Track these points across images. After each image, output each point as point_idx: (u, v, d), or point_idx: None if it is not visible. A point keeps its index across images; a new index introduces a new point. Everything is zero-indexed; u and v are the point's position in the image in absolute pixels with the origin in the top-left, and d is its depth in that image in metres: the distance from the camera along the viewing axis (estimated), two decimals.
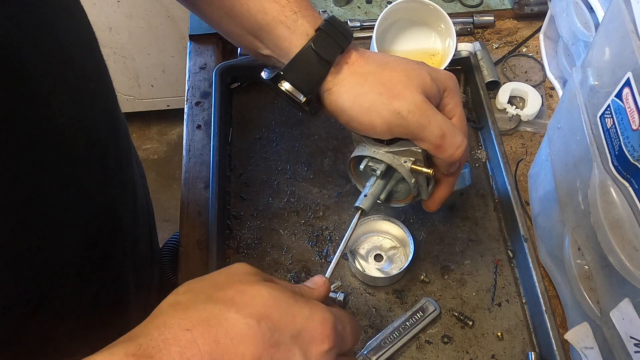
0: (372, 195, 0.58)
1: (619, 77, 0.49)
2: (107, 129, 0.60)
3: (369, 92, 0.55)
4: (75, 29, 0.53)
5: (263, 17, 0.56)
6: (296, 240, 0.77)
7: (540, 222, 0.74)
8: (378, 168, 0.57)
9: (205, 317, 0.38)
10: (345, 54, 0.57)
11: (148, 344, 0.36)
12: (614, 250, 0.49)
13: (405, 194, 0.63)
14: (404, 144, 0.57)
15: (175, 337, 0.36)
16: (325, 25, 0.56)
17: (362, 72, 0.56)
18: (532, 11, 0.96)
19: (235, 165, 0.84)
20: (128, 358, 0.35)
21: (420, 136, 0.54)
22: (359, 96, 0.55)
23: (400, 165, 0.57)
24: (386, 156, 0.57)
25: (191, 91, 0.91)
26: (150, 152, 2.17)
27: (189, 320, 0.38)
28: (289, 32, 0.56)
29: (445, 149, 0.55)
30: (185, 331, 0.37)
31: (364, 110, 0.55)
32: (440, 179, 0.61)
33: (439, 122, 0.54)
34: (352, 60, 0.57)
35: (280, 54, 0.58)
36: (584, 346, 0.62)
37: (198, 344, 0.36)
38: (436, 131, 0.54)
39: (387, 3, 0.98)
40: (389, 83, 0.55)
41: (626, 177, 0.50)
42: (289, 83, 0.56)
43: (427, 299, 0.71)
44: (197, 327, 0.37)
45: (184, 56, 0.96)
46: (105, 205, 0.59)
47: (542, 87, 0.90)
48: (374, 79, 0.55)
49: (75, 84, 0.52)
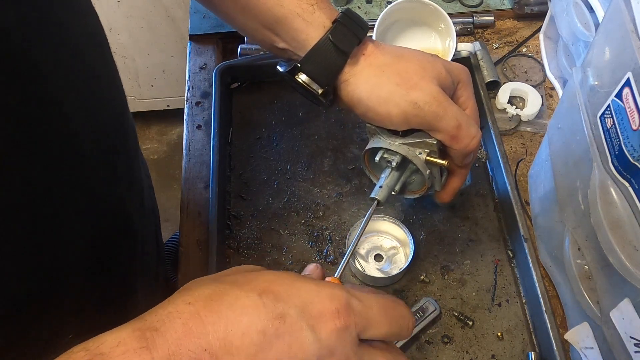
0: (388, 187, 0.59)
1: (619, 77, 0.49)
2: (117, 130, 0.60)
3: (386, 83, 0.55)
4: (86, 30, 0.54)
5: (279, 10, 0.56)
6: (296, 240, 0.77)
7: (540, 222, 0.74)
8: (393, 160, 0.58)
9: (209, 294, 0.38)
10: (362, 45, 0.57)
11: (152, 319, 0.37)
12: (614, 250, 0.49)
13: (419, 185, 0.63)
14: (418, 136, 0.57)
15: (178, 311, 0.37)
16: (342, 17, 0.57)
17: (379, 64, 0.57)
18: (532, 11, 0.96)
19: (235, 165, 0.84)
20: (134, 332, 0.36)
21: (437, 126, 0.55)
22: (376, 87, 0.55)
23: (416, 156, 0.58)
24: (402, 148, 0.58)
25: (191, 91, 0.91)
26: (150, 152, 2.17)
27: (192, 296, 0.38)
28: (305, 25, 0.56)
29: (461, 139, 0.55)
30: (188, 304, 0.37)
31: (381, 101, 0.55)
32: (453, 170, 0.62)
33: (455, 113, 0.55)
34: (369, 52, 0.57)
35: (296, 47, 0.58)
36: (584, 346, 0.62)
37: (201, 316, 0.36)
38: (452, 122, 0.55)
39: (387, 3, 0.98)
40: (405, 74, 0.55)
41: (626, 177, 0.50)
42: (306, 75, 0.56)
43: (427, 299, 0.71)
44: (199, 301, 0.37)
45: (184, 56, 0.96)
46: (115, 205, 0.60)
47: (542, 87, 0.90)
48: (390, 70, 0.56)
49: (86, 84, 0.52)
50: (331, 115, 0.88)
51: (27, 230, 0.45)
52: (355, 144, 0.85)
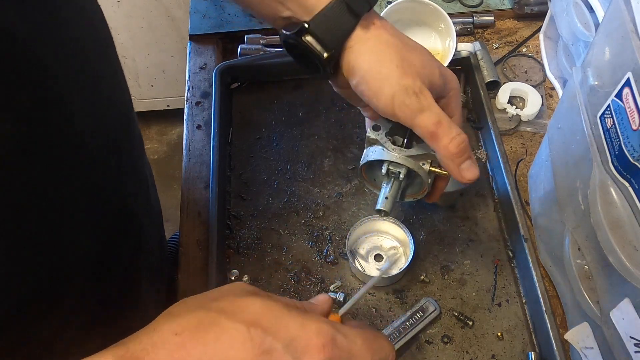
0: (392, 197, 0.60)
1: (619, 77, 0.49)
2: (122, 130, 0.60)
3: (389, 61, 0.54)
4: (91, 30, 0.54)
5: None
6: (296, 240, 0.77)
7: (540, 222, 0.74)
8: (400, 172, 0.59)
9: (195, 323, 0.38)
10: (373, 13, 0.56)
11: (136, 348, 0.36)
12: (614, 250, 0.49)
13: (413, 190, 0.64)
14: (420, 148, 0.59)
15: (163, 341, 0.36)
16: None
17: (386, 40, 0.56)
18: (532, 11, 0.96)
19: (235, 165, 0.84)
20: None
21: (417, 119, 0.54)
22: (378, 62, 0.55)
23: (420, 168, 0.59)
24: (408, 160, 0.59)
25: (191, 91, 0.91)
26: (150, 152, 2.17)
27: (179, 325, 0.37)
28: None
29: (440, 137, 0.55)
30: (174, 335, 0.36)
31: (378, 77, 0.54)
32: None
33: (438, 110, 0.55)
34: (379, 24, 0.56)
35: (303, 13, 0.56)
36: (584, 346, 0.62)
37: (187, 348, 0.36)
38: (433, 118, 0.54)
39: (387, 3, 0.98)
40: (407, 61, 0.55)
41: (626, 177, 0.50)
42: (313, 37, 0.54)
43: (427, 299, 0.71)
44: (186, 331, 0.37)
45: (184, 56, 0.96)
46: (120, 203, 0.60)
47: (542, 87, 0.90)
48: (394, 50, 0.55)
49: (92, 84, 0.52)
50: (331, 115, 0.88)
51: (33, 227, 0.46)
52: (355, 144, 0.85)
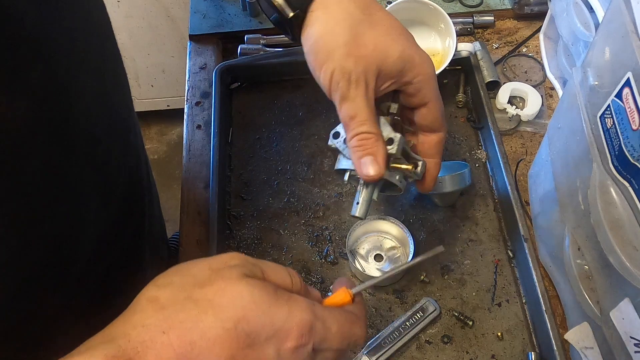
0: (365, 201, 0.60)
1: (619, 77, 0.49)
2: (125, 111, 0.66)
3: (340, 35, 0.53)
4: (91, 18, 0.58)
5: None
6: (296, 240, 0.77)
7: (540, 222, 0.74)
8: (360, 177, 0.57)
9: (182, 319, 0.39)
10: None
11: (127, 346, 0.37)
12: (614, 250, 0.49)
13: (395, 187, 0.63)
14: None
15: (152, 340, 0.37)
16: None
17: (347, 9, 0.54)
18: (532, 11, 0.96)
19: (235, 165, 0.84)
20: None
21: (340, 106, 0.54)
22: (330, 34, 0.54)
23: None
24: None
25: (191, 91, 0.91)
26: (150, 152, 2.17)
27: (166, 321, 0.38)
28: None
29: (349, 129, 0.54)
30: (162, 334, 0.38)
31: (325, 50, 0.53)
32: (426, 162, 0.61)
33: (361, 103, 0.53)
34: None
35: None
36: (584, 346, 0.62)
37: (174, 347, 0.37)
38: (351, 109, 0.53)
39: (387, 3, 0.98)
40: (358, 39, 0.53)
41: (626, 177, 0.50)
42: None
43: (427, 299, 0.71)
44: (173, 329, 0.38)
45: (184, 56, 0.96)
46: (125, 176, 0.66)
47: (542, 87, 0.90)
48: (350, 24, 0.54)
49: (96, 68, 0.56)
50: (331, 115, 0.88)
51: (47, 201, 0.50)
52: None
